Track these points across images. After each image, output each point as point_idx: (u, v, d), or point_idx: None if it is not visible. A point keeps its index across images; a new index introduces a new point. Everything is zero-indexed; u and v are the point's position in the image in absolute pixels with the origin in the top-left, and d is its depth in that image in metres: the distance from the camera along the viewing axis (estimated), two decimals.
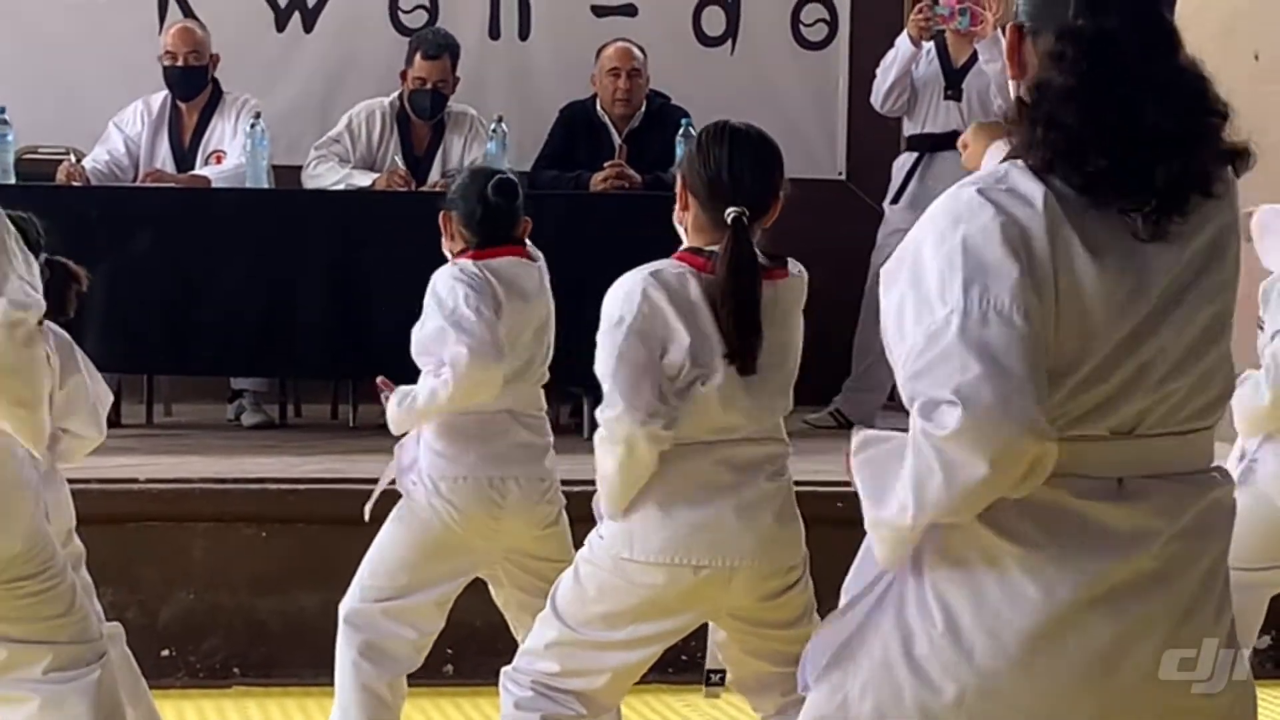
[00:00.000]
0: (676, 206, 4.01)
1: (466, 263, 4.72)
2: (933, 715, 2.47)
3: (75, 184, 7.66)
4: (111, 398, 4.72)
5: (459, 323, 4.60)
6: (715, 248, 3.91)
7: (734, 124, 4.04)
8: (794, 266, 4.04)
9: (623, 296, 3.89)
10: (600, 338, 3.91)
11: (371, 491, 4.86)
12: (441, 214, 4.83)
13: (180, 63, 8.01)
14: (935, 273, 2.43)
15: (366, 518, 4.81)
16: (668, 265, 3.94)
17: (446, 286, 4.67)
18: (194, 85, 8.06)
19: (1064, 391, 2.45)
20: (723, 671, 4.16)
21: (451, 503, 4.68)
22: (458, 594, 4.84)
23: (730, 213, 3.87)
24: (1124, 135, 2.42)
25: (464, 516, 4.69)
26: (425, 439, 4.73)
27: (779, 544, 3.97)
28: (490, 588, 4.93)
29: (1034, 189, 2.45)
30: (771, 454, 3.99)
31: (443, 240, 4.84)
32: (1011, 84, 2.60)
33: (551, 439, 4.84)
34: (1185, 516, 2.47)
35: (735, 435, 3.93)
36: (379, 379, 4.79)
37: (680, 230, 4.03)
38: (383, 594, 4.76)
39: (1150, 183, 2.42)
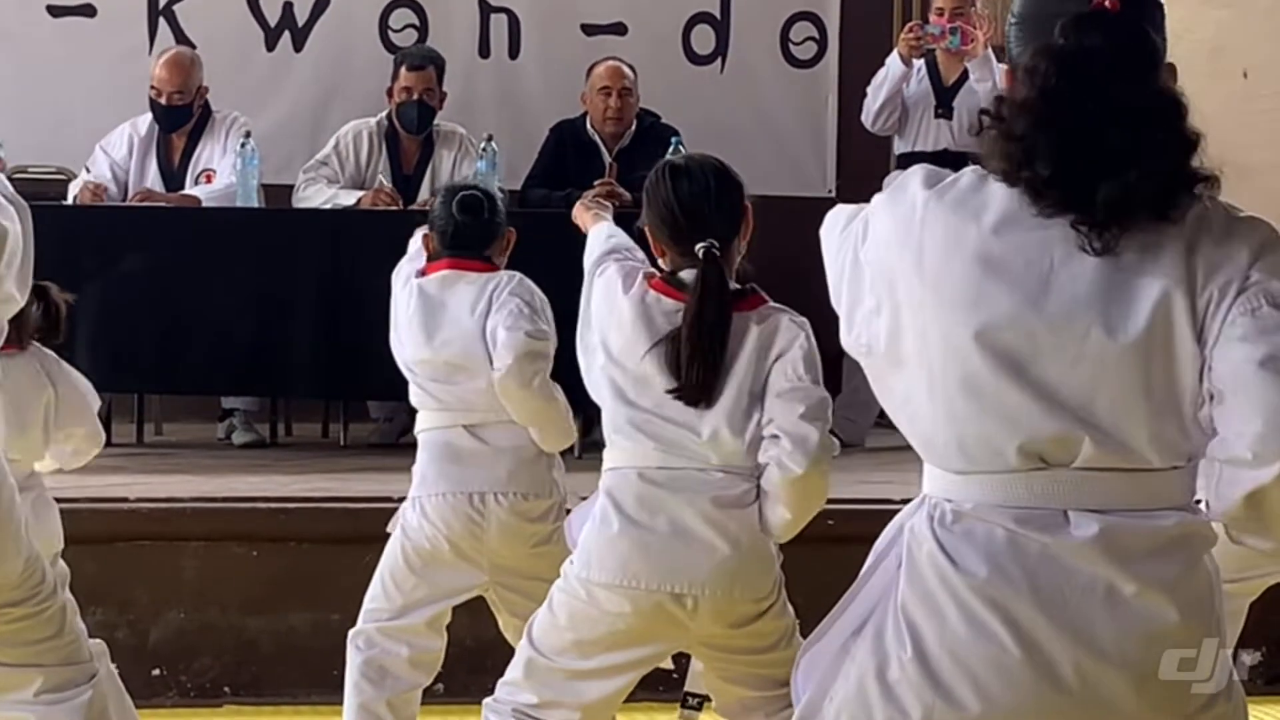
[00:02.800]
0: (655, 254, 4.01)
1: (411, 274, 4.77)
2: None
3: (100, 204, 7.70)
4: (101, 436, 4.73)
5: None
6: (683, 274, 3.91)
7: (674, 161, 4.04)
8: (787, 314, 3.92)
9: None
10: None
11: (381, 511, 4.85)
12: (423, 237, 4.83)
13: (164, 100, 8.01)
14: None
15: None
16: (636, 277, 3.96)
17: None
18: (177, 121, 8.06)
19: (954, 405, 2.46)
20: (702, 696, 4.15)
21: (433, 520, 4.68)
22: (449, 615, 4.83)
23: (700, 247, 3.86)
24: (1071, 146, 2.42)
25: (445, 534, 4.67)
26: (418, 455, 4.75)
27: (740, 575, 3.90)
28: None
29: (992, 191, 2.48)
30: (721, 481, 3.89)
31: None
32: None
33: (546, 455, 4.74)
34: (1141, 544, 2.45)
35: (678, 464, 3.89)
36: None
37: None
38: (380, 615, 4.77)
39: (1093, 195, 2.42)
